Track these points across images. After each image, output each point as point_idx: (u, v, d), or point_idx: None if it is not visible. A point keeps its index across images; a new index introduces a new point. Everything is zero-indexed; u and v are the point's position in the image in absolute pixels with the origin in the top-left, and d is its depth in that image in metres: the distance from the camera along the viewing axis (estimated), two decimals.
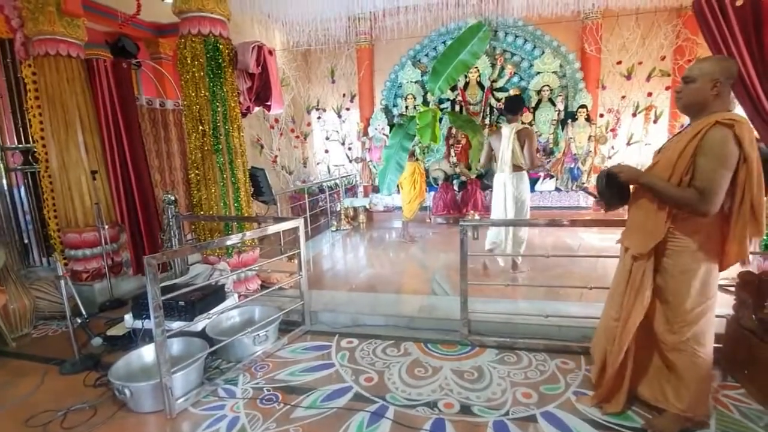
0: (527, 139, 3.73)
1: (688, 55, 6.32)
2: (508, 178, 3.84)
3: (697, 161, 1.62)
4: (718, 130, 1.58)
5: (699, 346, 1.78)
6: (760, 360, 2.07)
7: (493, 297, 3.21)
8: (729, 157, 1.57)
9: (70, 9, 3.56)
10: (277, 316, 2.86)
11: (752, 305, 2.16)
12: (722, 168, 1.58)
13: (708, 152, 1.59)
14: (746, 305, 2.19)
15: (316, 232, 6.25)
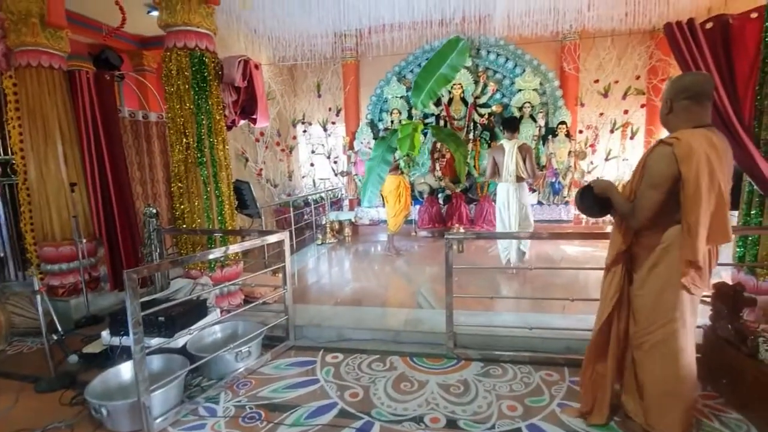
0: (528, 153, 4.19)
1: (662, 74, 6.61)
2: (512, 188, 4.26)
3: (642, 177, 1.69)
4: (658, 148, 1.63)
5: (665, 362, 1.74)
6: (738, 369, 2.12)
7: (478, 310, 3.23)
8: (656, 177, 1.60)
9: (54, 21, 3.53)
10: (261, 332, 2.81)
11: (728, 315, 2.22)
12: (648, 186, 1.63)
13: (646, 170, 1.66)
14: (722, 315, 2.26)
15: (302, 246, 6.20)
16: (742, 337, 2.12)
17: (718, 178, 1.56)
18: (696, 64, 2.65)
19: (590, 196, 1.88)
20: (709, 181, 1.54)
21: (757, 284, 2.66)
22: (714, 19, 2.64)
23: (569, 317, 3.05)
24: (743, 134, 2.50)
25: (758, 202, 2.66)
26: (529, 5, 5.44)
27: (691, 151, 1.54)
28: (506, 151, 4.22)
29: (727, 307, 2.23)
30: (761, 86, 2.59)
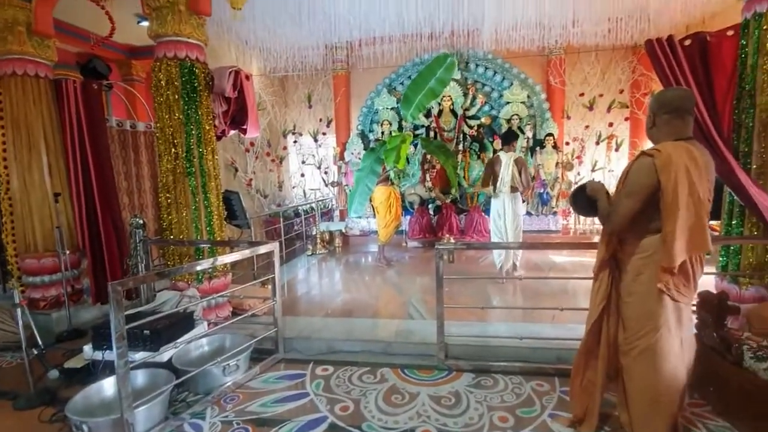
0: (523, 166, 4.45)
1: (644, 89, 6.81)
2: (507, 198, 4.48)
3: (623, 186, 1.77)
4: (640, 159, 1.70)
5: (650, 370, 1.75)
6: (723, 377, 2.15)
7: (469, 320, 3.23)
8: (635, 185, 1.68)
9: (41, 29, 3.50)
10: (249, 344, 2.76)
11: (713, 324, 2.26)
12: (626, 194, 1.71)
13: (627, 179, 1.74)
14: (707, 324, 2.30)
15: (291, 257, 6.14)
16: (727, 345, 2.16)
17: (697, 189, 1.60)
18: (676, 79, 2.74)
19: (583, 197, 1.94)
20: (688, 191, 1.59)
21: (740, 293, 2.72)
22: (692, 36, 2.75)
23: (559, 327, 3.06)
24: (722, 146, 2.58)
25: (739, 212, 2.74)
26: (516, 20, 5.58)
27: (670, 162, 1.59)
28: (503, 163, 4.45)
29: (712, 316, 2.27)
30: (738, 101, 2.69)
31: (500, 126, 7.07)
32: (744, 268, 2.75)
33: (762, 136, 2.58)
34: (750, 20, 2.60)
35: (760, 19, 2.54)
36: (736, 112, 2.71)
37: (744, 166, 2.63)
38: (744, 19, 2.66)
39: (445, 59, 3.39)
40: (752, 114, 2.61)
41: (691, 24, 5.72)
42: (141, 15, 5.21)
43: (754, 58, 2.58)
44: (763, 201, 2.48)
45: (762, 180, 2.59)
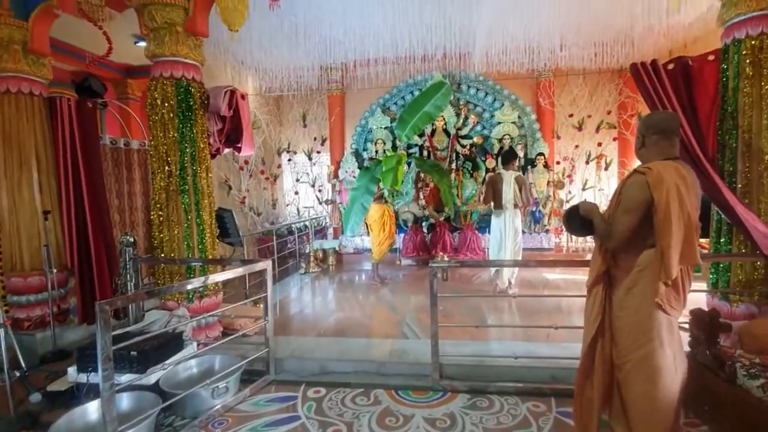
0: (523, 184, 4.63)
1: (630, 110, 7.00)
2: (508, 213, 4.63)
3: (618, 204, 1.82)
4: (633, 177, 1.76)
5: (644, 383, 1.75)
6: (717, 395, 2.14)
7: (464, 339, 3.20)
8: (631, 202, 1.73)
9: (37, 48, 3.53)
10: (239, 366, 2.70)
11: (705, 341, 2.27)
12: (624, 211, 1.75)
13: (621, 197, 1.79)
14: (700, 341, 2.30)
15: (284, 275, 6.08)
16: (720, 362, 2.16)
17: (686, 205, 1.66)
18: (660, 101, 2.83)
19: (577, 217, 1.98)
20: (679, 207, 1.65)
21: (731, 310, 2.74)
22: (675, 60, 2.85)
23: (554, 345, 3.04)
24: (708, 166, 2.65)
25: (727, 230, 2.78)
26: (506, 44, 5.76)
27: (662, 180, 1.65)
28: (504, 180, 4.61)
29: (704, 334, 2.27)
30: (722, 122, 2.77)
31: (492, 145, 7.19)
32: (734, 285, 2.77)
33: (746, 156, 2.66)
34: (730, 46, 2.72)
35: (739, 45, 2.65)
36: (720, 133, 2.79)
37: (730, 185, 2.69)
38: (724, 44, 2.77)
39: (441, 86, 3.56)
40: (735, 135, 2.69)
41: (674, 48, 5.94)
42: (138, 35, 5.29)
43: (735, 81, 2.67)
44: (749, 219, 2.53)
45: (747, 199, 2.65)
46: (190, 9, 3.22)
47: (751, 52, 2.60)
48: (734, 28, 2.69)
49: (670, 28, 5.38)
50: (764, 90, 2.58)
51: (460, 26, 5.30)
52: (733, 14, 2.66)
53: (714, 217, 2.87)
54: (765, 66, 2.58)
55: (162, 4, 3.14)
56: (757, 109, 2.60)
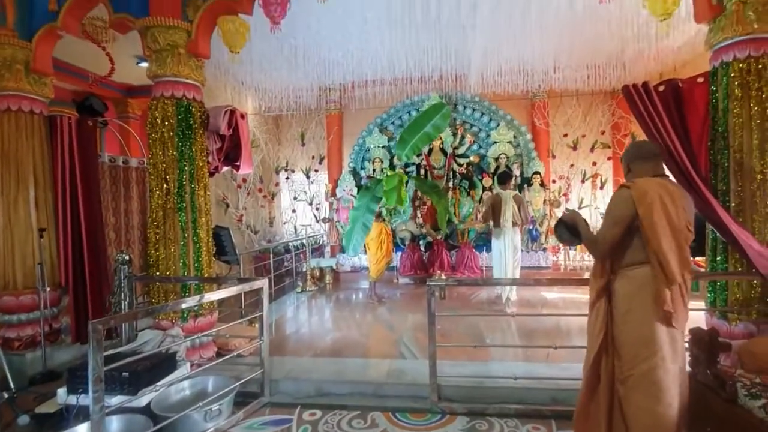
0: (521, 202, 4.89)
1: (624, 130, 7.12)
2: (508, 231, 4.82)
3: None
4: (618, 191, 1.87)
5: (648, 399, 1.74)
6: (719, 415, 2.11)
7: (462, 359, 3.15)
8: (615, 214, 1.82)
9: (40, 68, 3.59)
10: (233, 387, 2.64)
11: (705, 361, 2.24)
12: (608, 222, 1.85)
13: (607, 209, 1.91)
14: (700, 361, 2.28)
15: (281, 294, 6.02)
16: (721, 382, 2.13)
17: (672, 215, 1.74)
18: (653, 121, 2.88)
19: (564, 227, 2.10)
20: (665, 217, 1.73)
21: (729, 329, 2.72)
22: (665, 82, 2.92)
23: (554, 366, 3.00)
24: (701, 185, 2.68)
25: (722, 248, 2.80)
26: (501, 66, 5.90)
27: (645, 193, 1.76)
28: (503, 200, 4.83)
29: (704, 353, 2.25)
30: (713, 142, 2.83)
31: (488, 164, 7.27)
32: (731, 304, 2.77)
33: (738, 176, 2.70)
34: (718, 68, 2.79)
35: (728, 68, 2.72)
36: (712, 152, 2.84)
37: (723, 204, 2.72)
38: (712, 67, 2.85)
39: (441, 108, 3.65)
40: (727, 155, 2.74)
41: (664, 71, 6.10)
42: (140, 56, 5.39)
43: (725, 103, 2.74)
44: (744, 238, 2.54)
45: (741, 217, 2.68)
46: (193, 31, 3.30)
47: (739, 74, 2.68)
48: (722, 51, 2.77)
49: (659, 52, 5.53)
50: (753, 111, 2.65)
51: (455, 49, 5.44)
52: (720, 38, 2.75)
53: (709, 235, 2.89)
54: (753, 88, 2.65)
55: (165, 26, 3.21)
56: (747, 130, 2.66)
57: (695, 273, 1.96)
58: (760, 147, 2.63)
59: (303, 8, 4.08)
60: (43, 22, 3.53)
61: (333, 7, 4.32)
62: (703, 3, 2.80)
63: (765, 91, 2.63)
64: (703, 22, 2.92)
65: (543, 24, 4.70)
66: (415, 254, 6.77)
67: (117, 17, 3.37)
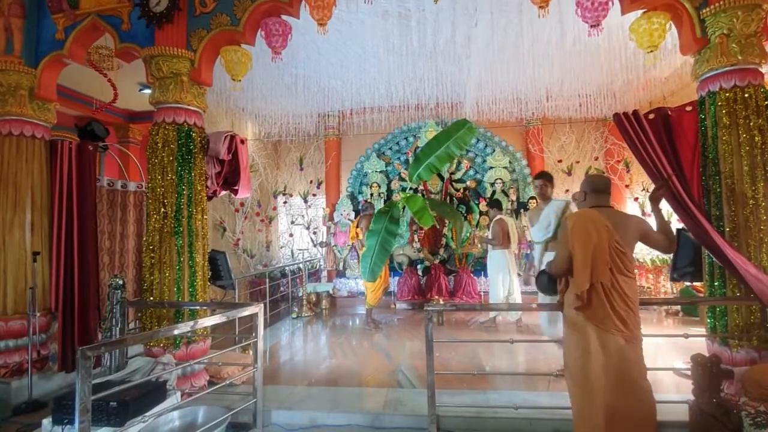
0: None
1: (617, 156, 7.25)
2: (511, 256, 5.15)
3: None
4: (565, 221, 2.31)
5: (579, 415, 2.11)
6: None
7: (462, 388, 3.07)
8: (562, 239, 2.29)
9: (44, 95, 3.65)
10: (224, 418, 2.54)
11: (709, 389, 2.20)
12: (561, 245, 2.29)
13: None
14: (703, 389, 2.23)
15: (276, 320, 5.92)
16: (726, 411, 2.09)
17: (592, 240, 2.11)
18: (644, 147, 2.94)
19: (545, 277, 2.44)
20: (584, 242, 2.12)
21: (731, 355, 2.68)
22: (655, 111, 3.00)
23: (555, 395, 2.93)
24: (695, 211, 2.71)
25: (719, 273, 2.79)
26: (495, 95, 6.07)
27: (573, 224, 2.21)
28: (510, 224, 5.14)
29: (707, 381, 2.21)
30: (704, 168, 2.88)
31: (485, 189, 7.34)
32: (732, 330, 2.74)
33: (730, 201, 2.73)
34: (705, 98, 2.88)
35: (714, 97, 2.81)
36: (704, 178, 2.88)
37: (718, 229, 2.74)
38: (700, 96, 2.94)
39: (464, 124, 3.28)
40: (719, 180, 2.79)
41: (654, 100, 6.28)
42: (143, 83, 5.51)
43: (714, 130, 2.81)
44: (740, 263, 2.55)
45: (736, 242, 2.69)
46: (196, 61, 3.39)
47: (726, 103, 2.76)
48: (708, 81, 2.86)
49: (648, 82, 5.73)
50: (742, 138, 2.71)
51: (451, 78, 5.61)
52: (706, 69, 2.85)
53: (706, 260, 2.90)
54: (741, 116, 2.72)
55: (169, 56, 3.30)
56: (737, 156, 2.71)
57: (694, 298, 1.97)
58: (750, 173, 2.68)
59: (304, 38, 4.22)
60: (49, 50, 3.62)
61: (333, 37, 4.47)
62: (688, 36, 2.92)
63: (752, 119, 2.71)
64: (688, 54, 3.03)
65: (535, 55, 4.87)
66: (413, 279, 6.72)
67: (123, 47, 3.46)
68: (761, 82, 2.79)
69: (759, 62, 2.78)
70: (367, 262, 3.25)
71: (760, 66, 2.80)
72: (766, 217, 2.66)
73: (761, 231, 2.65)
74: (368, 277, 3.23)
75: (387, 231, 3.39)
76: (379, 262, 3.36)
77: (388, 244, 3.42)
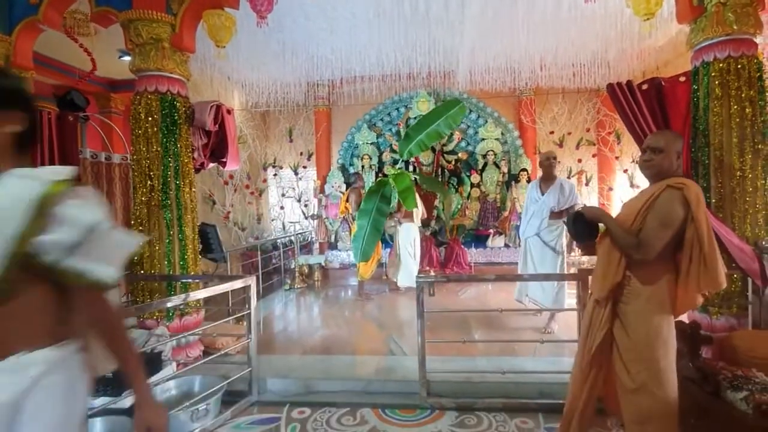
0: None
1: (608, 128, 7.23)
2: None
3: (647, 217, 1.84)
4: (668, 192, 1.81)
5: (657, 389, 1.83)
6: (702, 408, 2.16)
7: (451, 355, 3.17)
8: (670, 218, 1.78)
9: (20, 63, 3.47)
10: (221, 386, 2.61)
11: (688, 354, 2.30)
12: (661, 226, 1.79)
13: (654, 211, 1.82)
14: (683, 354, 2.33)
15: (269, 291, 5.97)
16: (704, 375, 2.19)
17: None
18: (636, 119, 2.94)
19: (582, 222, 1.99)
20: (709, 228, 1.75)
21: (711, 322, 2.80)
22: (648, 81, 2.97)
23: (541, 360, 3.05)
24: None
25: None
26: (488, 64, 5.94)
27: (700, 195, 1.76)
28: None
29: (687, 346, 2.31)
30: (694, 140, 2.89)
31: (476, 161, 7.31)
32: (713, 298, 2.84)
33: (718, 173, 2.76)
34: (699, 68, 2.85)
35: (708, 67, 2.79)
36: (693, 150, 2.90)
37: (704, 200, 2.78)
38: (694, 66, 2.91)
39: (456, 103, 3.27)
40: (707, 152, 2.81)
41: (647, 70, 6.21)
42: (123, 50, 5.26)
43: (705, 101, 2.80)
44: (724, 233, 2.61)
45: (721, 213, 2.75)
46: (177, 25, 3.23)
47: (719, 74, 2.74)
48: (703, 51, 2.83)
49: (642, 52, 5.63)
50: (733, 110, 2.71)
51: (443, 46, 5.44)
52: (701, 39, 2.81)
53: None
54: (733, 87, 2.71)
55: (148, 20, 3.14)
56: (727, 128, 2.72)
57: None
58: (739, 145, 2.70)
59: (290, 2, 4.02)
60: (23, 16, 3.41)
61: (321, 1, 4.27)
62: (685, 4, 2.86)
63: (744, 91, 2.70)
64: (684, 22, 2.98)
65: (529, 22, 4.73)
66: None
67: (99, 10, 3.27)
68: (755, 53, 2.77)
69: (754, 32, 2.74)
70: (359, 243, 3.25)
71: (754, 36, 2.77)
72: (752, 189, 2.70)
73: (746, 203, 2.71)
74: (360, 258, 3.23)
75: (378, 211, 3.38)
76: (371, 243, 3.36)
77: (379, 224, 3.42)
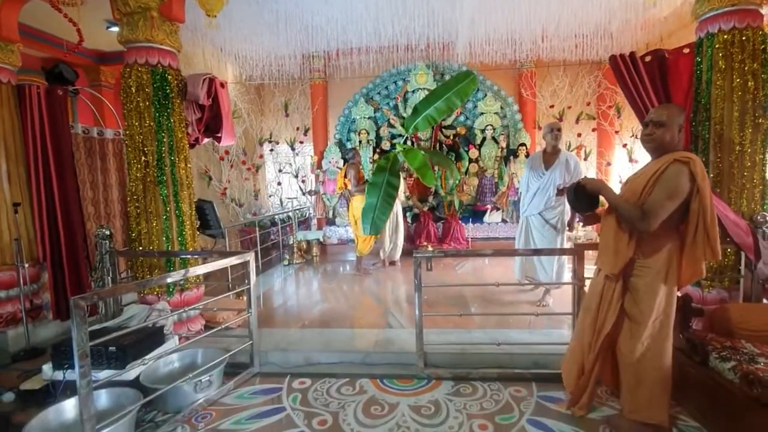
0: None
1: (609, 101, 7.13)
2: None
3: (653, 190, 1.88)
4: (675, 166, 1.84)
5: (659, 357, 1.97)
6: (691, 377, 2.24)
7: (448, 327, 3.24)
8: (677, 190, 1.83)
9: (6, 35, 3.36)
10: (223, 359, 2.67)
11: (679, 325, 2.36)
12: (668, 198, 1.84)
13: (662, 183, 1.86)
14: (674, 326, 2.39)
15: (268, 267, 6.02)
16: (693, 346, 2.25)
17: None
18: (638, 92, 2.89)
19: (583, 193, 2.02)
20: (711, 201, 1.83)
21: (702, 295, 2.85)
22: (652, 53, 2.91)
23: (535, 332, 3.12)
24: None
25: None
26: (489, 35, 5.76)
27: (705, 170, 1.83)
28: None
29: (677, 318, 2.36)
30: (695, 114, 2.86)
31: (475, 136, 7.23)
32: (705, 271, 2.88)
33: (717, 147, 2.75)
34: (703, 39, 2.78)
35: (712, 39, 2.72)
36: (694, 124, 2.87)
37: None
38: (698, 38, 2.84)
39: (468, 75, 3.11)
40: (708, 126, 2.78)
41: (651, 42, 6.06)
42: (111, 20, 5.06)
43: (708, 74, 2.75)
44: (720, 208, 2.62)
45: (719, 188, 2.75)
46: None
47: (723, 46, 2.68)
48: (707, 22, 2.75)
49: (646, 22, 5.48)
50: (735, 83, 2.67)
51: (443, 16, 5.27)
52: (707, 9, 2.73)
53: None
54: (736, 60, 2.66)
55: None
56: (729, 102, 2.69)
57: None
58: (740, 119, 2.67)
59: None
60: None
61: None
62: None
63: (747, 63, 2.65)
64: None
65: None
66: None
67: None
68: (760, 25, 2.69)
69: (760, 2, 2.66)
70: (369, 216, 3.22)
71: (760, 7, 2.69)
72: (750, 163, 2.69)
73: (744, 177, 2.70)
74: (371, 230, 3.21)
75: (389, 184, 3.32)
76: (383, 216, 3.33)
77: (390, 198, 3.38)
